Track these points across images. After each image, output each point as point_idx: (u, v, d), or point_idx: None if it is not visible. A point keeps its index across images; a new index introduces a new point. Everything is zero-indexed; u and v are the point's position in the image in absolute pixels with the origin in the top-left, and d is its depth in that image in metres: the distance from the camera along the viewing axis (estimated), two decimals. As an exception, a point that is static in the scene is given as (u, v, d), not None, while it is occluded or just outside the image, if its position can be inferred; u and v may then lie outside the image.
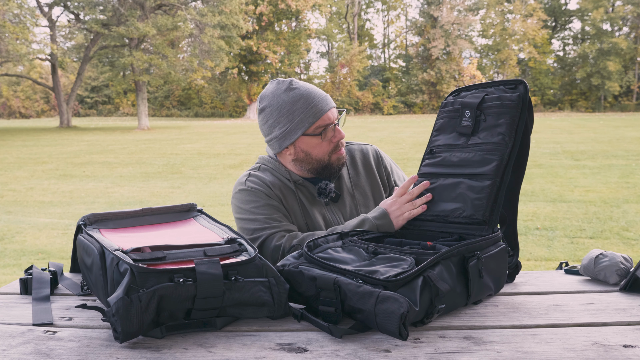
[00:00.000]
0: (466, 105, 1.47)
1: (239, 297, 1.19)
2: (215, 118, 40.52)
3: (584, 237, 5.80)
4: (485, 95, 1.45)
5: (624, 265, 1.47)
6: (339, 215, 1.80)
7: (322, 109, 1.71)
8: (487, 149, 1.41)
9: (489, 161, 1.39)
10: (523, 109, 1.38)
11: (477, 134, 1.44)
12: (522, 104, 1.38)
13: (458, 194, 1.43)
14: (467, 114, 1.46)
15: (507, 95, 1.41)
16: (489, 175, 1.38)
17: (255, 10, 34.34)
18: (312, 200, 1.79)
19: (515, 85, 1.42)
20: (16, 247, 5.80)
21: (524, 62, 42.90)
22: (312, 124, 1.70)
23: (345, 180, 1.84)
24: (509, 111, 1.39)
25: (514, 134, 1.38)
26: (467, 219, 1.39)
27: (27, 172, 11.83)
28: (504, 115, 1.40)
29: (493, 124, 1.41)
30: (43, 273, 1.50)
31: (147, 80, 29.28)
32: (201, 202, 8.12)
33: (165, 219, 1.52)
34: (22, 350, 1.08)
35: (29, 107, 48.08)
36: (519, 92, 1.40)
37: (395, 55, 47.56)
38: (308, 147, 1.73)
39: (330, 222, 1.78)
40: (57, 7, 30.46)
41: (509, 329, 1.18)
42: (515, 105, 1.39)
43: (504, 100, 1.41)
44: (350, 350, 1.07)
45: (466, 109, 1.47)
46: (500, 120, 1.40)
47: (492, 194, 1.37)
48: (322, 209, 1.79)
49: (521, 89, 1.40)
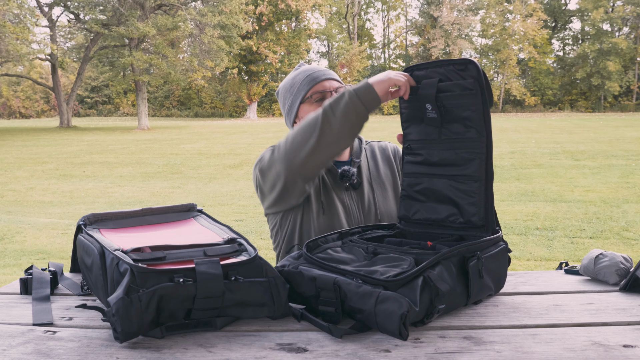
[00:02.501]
0: (424, 98, 1.40)
1: (239, 297, 1.19)
2: (215, 118, 40.53)
3: (584, 237, 5.80)
4: (440, 81, 1.37)
5: (624, 265, 1.47)
6: (357, 203, 1.83)
7: (318, 77, 1.79)
8: (464, 147, 1.37)
9: (469, 160, 1.37)
10: (483, 94, 1.32)
11: (446, 125, 1.39)
12: (480, 89, 1.32)
13: (448, 197, 1.41)
14: (429, 107, 1.40)
15: (462, 82, 1.33)
16: (474, 176, 1.36)
17: (255, 10, 34.34)
18: (333, 183, 1.83)
19: (465, 66, 1.33)
20: (16, 247, 5.80)
21: (524, 62, 42.90)
22: (308, 91, 1.78)
23: (365, 171, 1.88)
24: (472, 101, 1.33)
25: (483, 124, 1.34)
26: (464, 224, 1.39)
27: (27, 172, 11.83)
28: (468, 107, 1.34)
29: (459, 117, 1.36)
30: (43, 273, 1.50)
31: (147, 80, 29.29)
32: (201, 202, 8.12)
33: (165, 219, 1.52)
34: (22, 350, 1.08)
35: (29, 107, 48.08)
36: (472, 75, 1.32)
37: (395, 55, 47.61)
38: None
39: (348, 208, 1.81)
40: (57, 7, 30.46)
41: (509, 329, 1.18)
42: (475, 94, 1.32)
43: (463, 89, 1.34)
44: (350, 350, 1.07)
45: (426, 102, 1.40)
46: (465, 112, 1.35)
47: (482, 196, 1.36)
48: (342, 194, 1.82)
49: (472, 70, 1.32)
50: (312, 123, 1.51)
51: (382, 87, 1.44)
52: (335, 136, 1.50)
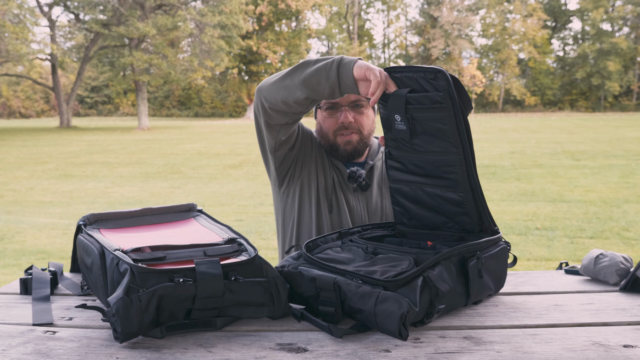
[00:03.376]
0: (393, 108, 1.33)
1: (239, 297, 1.19)
2: (215, 118, 40.53)
3: (584, 237, 5.80)
4: (411, 91, 1.29)
5: (624, 265, 1.47)
6: (363, 204, 1.82)
7: None
8: (441, 161, 1.32)
9: (449, 173, 1.32)
10: (454, 105, 1.24)
11: (416, 137, 1.33)
12: (451, 100, 1.24)
13: (438, 206, 1.39)
14: (398, 118, 1.33)
15: (432, 95, 1.25)
16: (458, 188, 1.33)
17: (255, 10, 34.35)
18: (342, 182, 1.84)
19: (434, 75, 1.24)
20: (16, 247, 5.80)
21: (524, 62, 42.91)
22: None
23: (377, 173, 1.87)
24: (443, 115, 1.26)
25: (458, 136, 1.27)
26: (461, 231, 1.39)
27: (27, 172, 11.83)
28: (439, 120, 1.27)
29: (431, 130, 1.29)
30: (43, 273, 1.50)
31: (147, 80, 29.28)
32: (201, 202, 8.13)
33: (165, 219, 1.52)
34: (22, 350, 1.08)
35: (29, 107, 48.07)
36: (443, 87, 1.23)
37: (395, 55, 47.58)
38: (320, 120, 1.86)
39: (353, 209, 1.80)
40: (57, 7, 30.47)
41: (509, 329, 1.18)
42: (445, 106, 1.24)
43: (433, 102, 1.26)
44: (350, 350, 1.07)
45: (394, 113, 1.33)
46: (437, 124, 1.28)
47: (472, 204, 1.33)
48: (348, 194, 1.82)
49: (441, 80, 1.23)
50: (296, 65, 1.55)
51: (360, 71, 1.38)
52: (296, 82, 1.50)
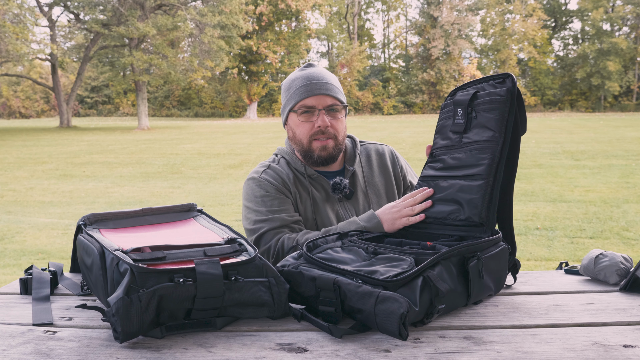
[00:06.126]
0: (458, 103, 1.48)
1: (239, 297, 1.19)
2: (215, 118, 40.53)
3: (584, 237, 5.80)
4: (477, 92, 1.45)
5: (624, 265, 1.47)
6: (351, 212, 1.81)
7: (310, 90, 1.76)
8: (479, 148, 1.41)
9: (481, 160, 1.39)
10: (512, 102, 1.38)
11: (469, 131, 1.45)
12: (510, 97, 1.38)
13: (453, 195, 1.43)
14: (459, 112, 1.47)
15: (496, 90, 1.41)
16: (481, 175, 1.38)
17: (255, 10, 34.33)
18: (325, 196, 1.81)
19: (503, 79, 1.42)
20: (16, 247, 5.80)
21: (524, 62, 42.90)
22: (298, 102, 1.77)
23: (360, 178, 1.86)
24: (498, 106, 1.39)
25: (504, 129, 1.37)
26: (464, 221, 1.39)
27: (27, 172, 11.83)
28: (493, 111, 1.40)
29: (483, 121, 1.42)
30: (43, 273, 1.50)
31: (147, 80, 29.28)
32: (201, 202, 8.12)
33: (165, 219, 1.52)
34: (22, 350, 1.08)
35: (29, 107, 48.08)
36: (507, 86, 1.39)
37: (395, 55, 47.58)
38: (293, 125, 1.81)
39: (342, 219, 1.79)
40: (57, 7, 30.46)
41: (509, 329, 1.18)
42: (504, 100, 1.38)
43: (493, 95, 1.41)
44: (350, 350, 1.07)
45: (458, 107, 1.48)
46: (490, 115, 1.40)
47: (486, 194, 1.36)
48: (335, 205, 1.81)
49: (509, 82, 1.40)
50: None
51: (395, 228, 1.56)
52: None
